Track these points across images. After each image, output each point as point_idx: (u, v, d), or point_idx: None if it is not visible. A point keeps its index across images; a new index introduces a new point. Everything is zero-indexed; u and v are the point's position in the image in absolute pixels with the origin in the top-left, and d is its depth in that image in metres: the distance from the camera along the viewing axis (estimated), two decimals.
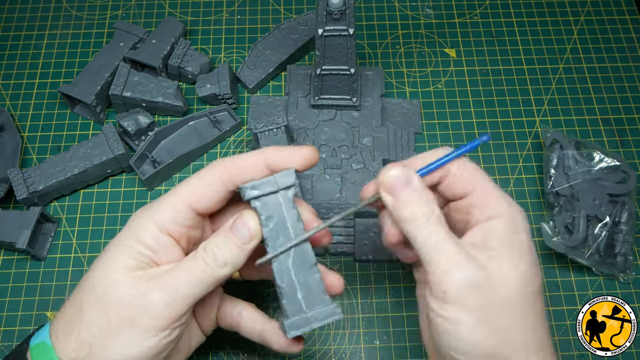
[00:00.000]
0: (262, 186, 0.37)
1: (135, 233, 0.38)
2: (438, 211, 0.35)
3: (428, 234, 0.34)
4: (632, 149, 0.62)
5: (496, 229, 0.35)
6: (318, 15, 0.51)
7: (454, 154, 0.37)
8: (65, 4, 0.71)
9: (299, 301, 0.38)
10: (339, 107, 0.60)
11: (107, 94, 0.61)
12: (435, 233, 0.34)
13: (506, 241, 0.35)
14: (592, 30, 0.69)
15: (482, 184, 0.37)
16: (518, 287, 0.34)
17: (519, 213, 0.36)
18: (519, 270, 0.34)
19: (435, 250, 0.34)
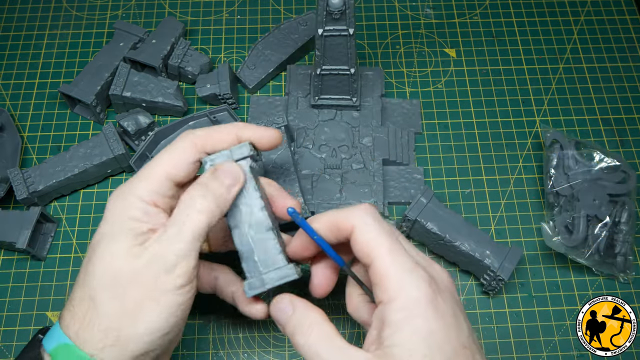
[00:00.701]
0: (219, 157, 0.40)
1: (119, 213, 0.38)
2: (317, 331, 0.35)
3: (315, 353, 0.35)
4: (632, 149, 0.62)
5: (386, 317, 0.33)
6: (318, 15, 0.51)
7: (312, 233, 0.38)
8: (65, 4, 0.71)
9: (256, 263, 0.40)
10: (339, 107, 0.60)
11: (107, 94, 0.61)
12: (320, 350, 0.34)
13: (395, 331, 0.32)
14: (592, 30, 0.69)
15: (377, 258, 0.34)
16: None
17: (412, 289, 0.33)
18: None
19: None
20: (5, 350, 0.52)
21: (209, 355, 0.52)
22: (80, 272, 0.38)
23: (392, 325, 0.33)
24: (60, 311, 0.53)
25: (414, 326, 0.32)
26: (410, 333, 0.32)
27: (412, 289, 0.33)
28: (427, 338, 0.32)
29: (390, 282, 0.33)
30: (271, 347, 0.52)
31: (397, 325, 0.33)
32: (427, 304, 0.33)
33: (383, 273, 0.34)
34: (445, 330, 0.33)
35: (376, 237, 0.35)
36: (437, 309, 0.33)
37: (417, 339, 0.32)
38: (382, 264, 0.34)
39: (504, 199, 0.59)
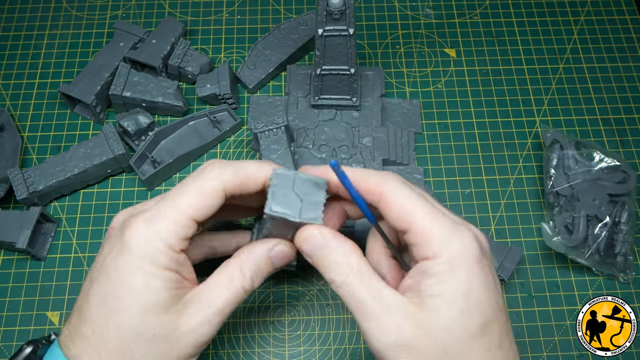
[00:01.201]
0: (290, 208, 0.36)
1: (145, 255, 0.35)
2: (357, 263, 0.34)
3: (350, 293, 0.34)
4: (632, 149, 0.62)
5: (428, 269, 0.33)
6: (318, 15, 0.51)
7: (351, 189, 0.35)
8: (65, 4, 0.71)
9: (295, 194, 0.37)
10: (339, 107, 0.60)
11: (107, 94, 0.61)
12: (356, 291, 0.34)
13: (436, 283, 0.33)
14: (592, 30, 0.69)
15: (417, 219, 0.34)
16: (452, 334, 0.32)
17: (456, 247, 0.33)
18: (451, 314, 0.32)
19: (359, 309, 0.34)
20: (5, 350, 0.52)
21: (209, 356, 0.52)
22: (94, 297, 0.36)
23: (434, 276, 0.33)
24: (59, 311, 0.53)
25: (456, 280, 0.32)
26: (451, 286, 0.32)
27: (456, 244, 0.33)
28: (468, 294, 0.32)
29: (433, 240, 0.33)
30: (271, 347, 0.52)
31: (438, 277, 0.33)
32: (472, 260, 0.33)
33: (425, 233, 0.33)
34: (487, 290, 0.33)
35: (413, 202, 0.34)
36: (481, 267, 0.33)
37: (457, 293, 0.32)
38: (422, 225, 0.33)
39: (504, 199, 0.59)
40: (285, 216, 0.36)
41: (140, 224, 0.36)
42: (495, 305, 0.33)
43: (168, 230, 0.35)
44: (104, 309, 0.35)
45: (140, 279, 0.35)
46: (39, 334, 0.53)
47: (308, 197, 0.36)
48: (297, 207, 0.36)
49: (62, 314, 0.53)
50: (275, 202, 0.36)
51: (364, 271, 0.35)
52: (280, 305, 0.54)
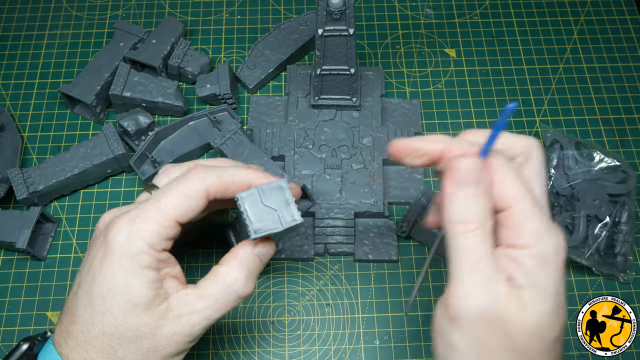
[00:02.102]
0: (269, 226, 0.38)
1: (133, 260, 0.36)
2: (490, 224, 0.32)
3: (468, 245, 0.32)
4: (632, 149, 0.62)
5: (521, 260, 0.31)
6: (318, 15, 0.51)
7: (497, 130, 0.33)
8: (65, 4, 0.71)
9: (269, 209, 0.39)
10: (339, 107, 0.60)
11: (107, 94, 0.61)
12: (477, 247, 0.31)
13: (530, 278, 0.31)
14: (592, 30, 0.69)
15: (519, 203, 0.32)
16: (533, 335, 0.31)
17: (551, 245, 0.32)
18: (538, 315, 0.31)
19: (468, 265, 0.31)
20: (5, 350, 0.52)
21: (209, 355, 0.52)
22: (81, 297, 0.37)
23: (524, 267, 0.31)
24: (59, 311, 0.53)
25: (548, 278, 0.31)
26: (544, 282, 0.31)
27: (551, 242, 0.32)
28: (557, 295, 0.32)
29: (530, 229, 0.32)
30: (271, 347, 0.52)
31: (529, 269, 0.31)
32: (561, 262, 0.32)
33: (524, 218, 0.32)
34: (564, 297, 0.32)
35: (517, 181, 0.33)
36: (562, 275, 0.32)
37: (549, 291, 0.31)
38: (523, 210, 0.32)
39: None
40: (271, 231, 0.38)
41: (123, 224, 0.36)
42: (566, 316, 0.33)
43: (150, 230, 0.36)
44: (90, 309, 0.36)
45: (122, 278, 0.36)
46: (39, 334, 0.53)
47: (279, 203, 0.38)
48: (275, 218, 0.38)
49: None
50: (255, 225, 0.38)
51: (489, 233, 0.32)
52: (280, 305, 0.54)
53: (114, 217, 0.38)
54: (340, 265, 0.56)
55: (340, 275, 0.55)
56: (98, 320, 0.36)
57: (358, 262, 0.55)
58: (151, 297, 0.36)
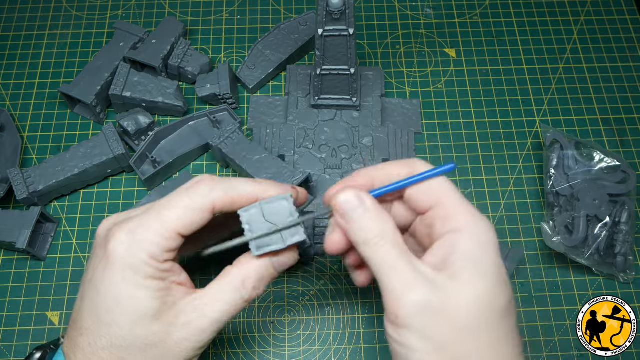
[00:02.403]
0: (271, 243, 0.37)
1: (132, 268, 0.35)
2: (392, 231, 0.34)
3: (382, 256, 0.34)
4: (632, 149, 0.62)
5: (457, 244, 0.33)
6: (318, 15, 0.51)
7: (416, 179, 0.36)
8: (65, 4, 0.71)
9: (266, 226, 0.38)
10: (339, 107, 0.60)
11: (107, 94, 0.61)
12: (389, 254, 0.33)
13: (466, 258, 0.33)
14: (592, 30, 0.69)
15: (447, 197, 0.35)
16: (477, 309, 0.32)
17: (483, 227, 0.34)
18: (478, 289, 0.32)
19: (389, 272, 0.33)
20: (5, 350, 0.52)
21: (209, 356, 0.52)
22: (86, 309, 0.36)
23: (464, 251, 0.33)
24: (59, 311, 0.53)
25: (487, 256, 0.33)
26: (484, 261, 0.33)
27: (483, 223, 0.34)
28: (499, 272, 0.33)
29: (463, 214, 0.34)
30: (271, 347, 0.52)
31: (469, 252, 0.33)
32: (496, 242, 0.34)
33: (455, 206, 0.35)
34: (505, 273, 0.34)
35: (441, 181, 0.36)
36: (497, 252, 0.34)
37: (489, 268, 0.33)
38: (453, 199, 0.35)
39: (504, 199, 0.59)
40: (272, 249, 0.37)
41: (123, 235, 0.36)
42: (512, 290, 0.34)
43: (151, 242, 0.36)
44: (95, 322, 0.36)
45: (125, 290, 0.35)
46: (39, 333, 0.53)
47: (282, 219, 0.37)
48: (277, 236, 0.37)
49: (62, 314, 0.53)
50: (257, 242, 0.37)
51: (399, 239, 0.34)
52: (280, 305, 0.54)
53: (113, 225, 0.37)
54: (340, 265, 0.56)
55: (340, 275, 0.55)
56: (105, 332, 0.35)
57: None
58: (158, 306, 0.36)
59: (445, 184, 0.36)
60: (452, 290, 0.32)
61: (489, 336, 0.33)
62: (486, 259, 0.33)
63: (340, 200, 0.35)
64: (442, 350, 0.32)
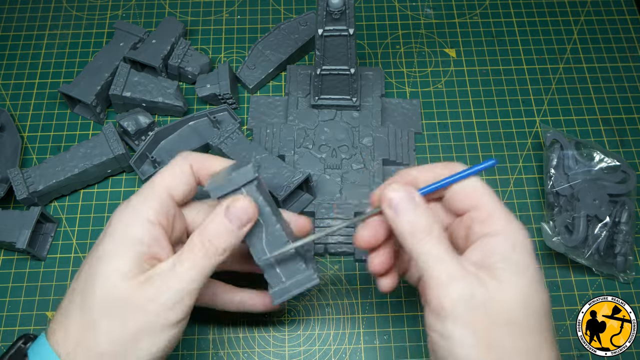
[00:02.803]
0: (226, 186, 0.39)
1: (125, 232, 0.38)
2: (439, 227, 0.35)
3: (428, 248, 0.35)
4: (632, 149, 0.62)
5: (495, 246, 0.35)
6: (318, 15, 0.51)
7: (458, 176, 0.37)
8: (65, 4, 0.71)
9: (278, 274, 0.42)
10: (339, 107, 0.60)
11: (107, 94, 0.61)
12: (436, 247, 0.35)
13: (505, 259, 0.34)
14: (592, 30, 0.69)
15: (485, 201, 0.37)
16: (519, 307, 0.33)
17: (519, 231, 0.35)
18: (519, 288, 0.34)
19: (435, 264, 0.34)
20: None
21: (209, 355, 0.52)
22: (76, 286, 0.38)
23: (502, 252, 0.35)
24: None
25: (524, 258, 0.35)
26: (520, 262, 0.34)
27: (520, 227, 0.36)
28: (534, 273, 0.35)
29: (500, 218, 0.36)
30: (271, 347, 0.52)
31: (506, 253, 0.34)
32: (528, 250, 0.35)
33: (493, 210, 0.36)
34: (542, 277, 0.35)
35: (480, 184, 0.37)
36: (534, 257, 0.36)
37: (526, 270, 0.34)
38: (490, 203, 0.36)
39: (504, 199, 0.59)
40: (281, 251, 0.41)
41: (120, 208, 0.39)
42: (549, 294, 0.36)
43: (141, 202, 0.39)
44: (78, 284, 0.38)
45: (111, 245, 0.37)
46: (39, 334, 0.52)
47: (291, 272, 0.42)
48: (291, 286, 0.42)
49: None
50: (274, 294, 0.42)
51: (445, 237, 0.36)
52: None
53: None
54: (340, 265, 0.56)
55: (340, 275, 0.55)
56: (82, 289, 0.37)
57: (358, 262, 0.55)
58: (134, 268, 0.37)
59: (483, 187, 0.37)
60: (494, 287, 0.33)
61: (529, 336, 0.33)
62: (523, 260, 0.35)
63: (392, 195, 0.36)
64: (484, 342, 0.32)
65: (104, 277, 0.36)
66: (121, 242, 0.37)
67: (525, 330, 0.33)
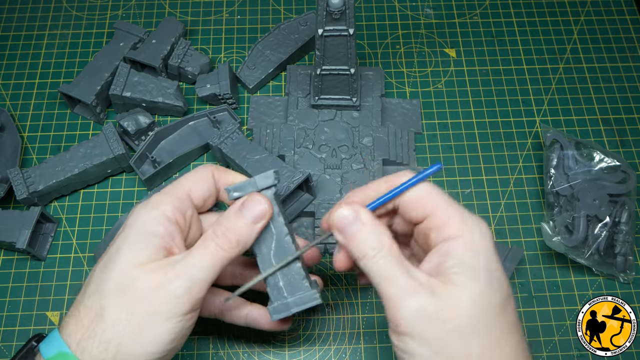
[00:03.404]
0: (244, 187, 0.40)
1: (142, 225, 0.38)
2: (389, 243, 0.36)
3: (379, 267, 0.35)
4: (632, 149, 0.62)
5: (451, 250, 0.35)
6: (318, 15, 0.51)
7: (405, 186, 0.37)
8: (65, 4, 0.71)
9: (281, 289, 0.41)
10: (339, 107, 0.60)
11: (107, 94, 0.61)
12: (385, 265, 0.35)
13: (460, 263, 0.34)
14: (592, 30, 0.69)
15: (437, 205, 0.37)
16: (471, 311, 0.33)
17: (474, 230, 0.35)
18: (471, 292, 0.34)
19: (386, 282, 0.35)
20: (5, 350, 0.52)
21: (209, 355, 0.52)
22: (92, 278, 0.38)
23: (457, 256, 0.35)
24: (59, 311, 0.53)
25: (480, 259, 0.35)
26: (476, 264, 0.34)
27: (476, 228, 0.36)
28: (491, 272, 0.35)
29: (455, 223, 0.36)
30: (271, 347, 0.52)
31: (462, 257, 0.35)
32: (490, 243, 0.36)
33: (448, 215, 0.36)
34: (501, 273, 0.35)
35: (432, 191, 0.37)
36: (495, 251, 0.36)
37: (482, 271, 0.34)
38: (445, 209, 0.36)
39: (504, 199, 0.59)
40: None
41: (141, 203, 0.40)
42: (507, 289, 0.36)
43: (162, 201, 0.39)
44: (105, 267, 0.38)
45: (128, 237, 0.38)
46: None
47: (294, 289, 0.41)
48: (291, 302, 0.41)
49: (62, 314, 0.53)
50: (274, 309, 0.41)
51: (395, 250, 0.36)
52: None
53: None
54: None
55: (340, 275, 0.55)
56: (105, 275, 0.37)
57: None
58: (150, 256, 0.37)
59: (434, 193, 0.37)
60: (446, 295, 0.34)
61: (486, 336, 0.34)
62: (478, 261, 0.35)
63: (338, 216, 0.37)
64: (440, 354, 0.33)
65: (117, 265, 0.37)
66: (137, 234, 0.38)
67: (480, 332, 0.33)
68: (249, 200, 0.39)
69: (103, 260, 0.38)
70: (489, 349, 0.34)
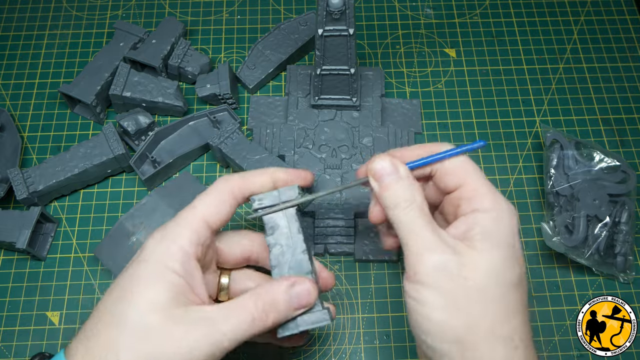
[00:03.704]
0: (267, 198, 0.40)
1: (159, 262, 0.36)
2: (420, 199, 0.37)
3: (408, 219, 0.36)
4: (632, 149, 0.62)
5: (479, 221, 0.36)
6: (318, 15, 0.51)
7: (447, 154, 0.38)
8: (65, 4, 0.71)
9: None
10: (339, 107, 0.60)
11: (107, 94, 0.61)
12: (415, 218, 0.36)
13: (486, 233, 0.35)
14: (592, 30, 0.69)
15: (472, 179, 0.38)
16: (490, 276, 0.34)
17: (505, 210, 0.36)
18: (492, 259, 0.35)
19: (413, 233, 0.36)
20: (5, 350, 0.52)
21: None
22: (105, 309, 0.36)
23: (484, 226, 0.36)
24: (59, 311, 0.53)
25: (504, 233, 0.36)
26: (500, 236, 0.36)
27: (505, 205, 0.37)
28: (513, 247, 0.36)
29: (486, 196, 0.37)
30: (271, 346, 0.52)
31: (488, 227, 0.36)
32: (516, 222, 0.37)
33: (479, 188, 0.37)
34: (521, 253, 0.36)
35: (469, 162, 0.39)
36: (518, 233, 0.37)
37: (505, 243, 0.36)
38: (477, 181, 0.37)
39: None
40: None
41: (157, 234, 0.38)
42: (525, 269, 0.37)
43: (179, 234, 0.37)
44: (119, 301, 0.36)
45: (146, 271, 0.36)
46: (39, 333, 0.53)
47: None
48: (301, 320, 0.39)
49: (62, 314, 0.53)
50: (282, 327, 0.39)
51: (426, 208, 0.37)
52: None
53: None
54: (340, 265, 0.56)
55: (340, 275, 0.55)
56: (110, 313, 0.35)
57: (358, 262, 0.55)
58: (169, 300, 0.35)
59: (470, 166, 0.38)
60: (468, 257, 0.35)
61: (499, 304, 0.34)
62: (503, 235, 0.36)
63: (377, 166, 0.38)
64: (454, 307, 0.34)
65: (134, 304, 0.35)
66: (156, 270, 0.36)
67: (496, 299, 0.34)
68: (299, 284, 0.38)
69: (116, 290, 0.36)
70: (503, 315, 0.34)
